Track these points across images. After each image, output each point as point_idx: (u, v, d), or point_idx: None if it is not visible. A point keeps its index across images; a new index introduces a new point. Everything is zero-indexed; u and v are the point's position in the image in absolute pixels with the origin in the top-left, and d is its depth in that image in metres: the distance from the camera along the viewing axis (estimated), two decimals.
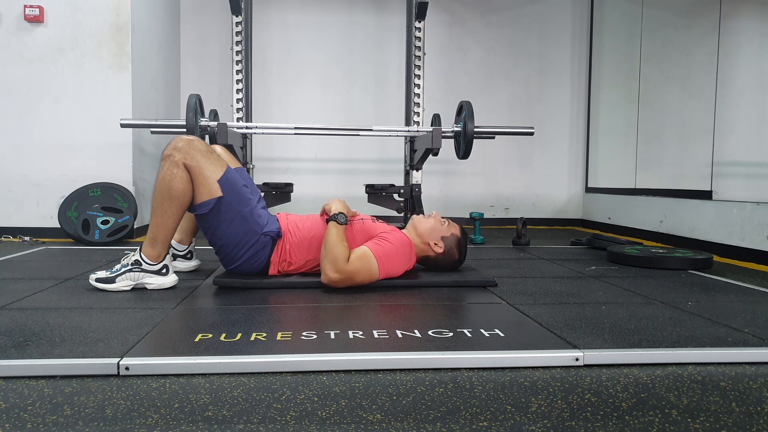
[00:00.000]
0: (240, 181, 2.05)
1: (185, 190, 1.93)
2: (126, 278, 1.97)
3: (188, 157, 1.92)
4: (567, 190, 5.19)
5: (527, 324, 1.59)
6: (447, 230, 2.22)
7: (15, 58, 3.47)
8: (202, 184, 1.95)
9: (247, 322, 1.56)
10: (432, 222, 2.21)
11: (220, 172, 1.98)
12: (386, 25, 4.90)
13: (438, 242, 2.19)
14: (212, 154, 1.99)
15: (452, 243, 2.22)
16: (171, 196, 1.92)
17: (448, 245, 2.21)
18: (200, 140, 2.00)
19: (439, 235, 2.20)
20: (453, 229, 2.25)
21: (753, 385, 1.20)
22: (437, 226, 2.21)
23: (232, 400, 1.07)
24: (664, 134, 4.33)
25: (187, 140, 1.96)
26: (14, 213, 3.53)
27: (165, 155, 1.94)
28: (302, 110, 4.84)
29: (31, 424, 0.97)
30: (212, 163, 1.97)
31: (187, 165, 1.92)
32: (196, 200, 1.97)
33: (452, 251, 2.23)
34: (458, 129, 3.33)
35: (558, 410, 1.05)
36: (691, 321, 1.65)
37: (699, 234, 3.39)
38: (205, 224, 2.02)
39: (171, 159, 1.92)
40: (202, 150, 1.96)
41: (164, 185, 1.92)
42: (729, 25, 3.74)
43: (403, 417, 1.01)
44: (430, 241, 2.19)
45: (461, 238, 2.26)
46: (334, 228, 2.00)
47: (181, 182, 1.92)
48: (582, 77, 5.12)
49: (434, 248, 2.19)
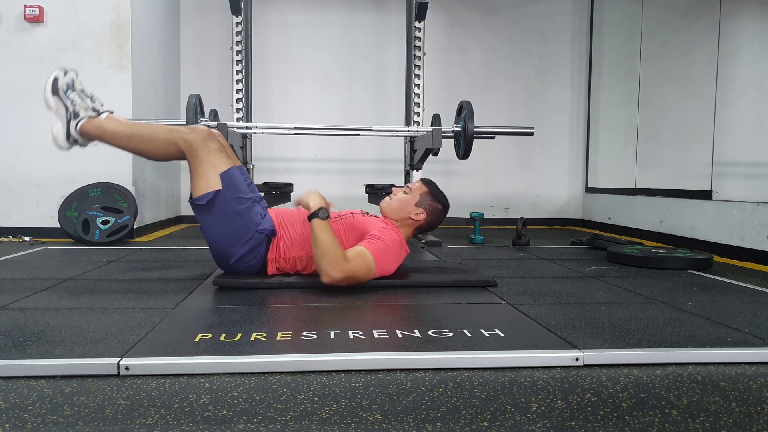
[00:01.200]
0: (243, 179, 2.05)
1: (156, 155, 2.05)
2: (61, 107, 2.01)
3: (194, 147, 1.96)
4: (567, 190, 5.19)
5: (527, 324, 1.59)
6: (415, 195, 2.19)
7: (15, 58, 3.47)
8: (202, 175, 1.97)
9: (247, 322, 1.56)
10: (398, 198, 2.19)
11: (225, 167, 1.99)
12: (386, 25, 4.91)
13: (416, 211, 2.16)
14: (222, 153, 2.01)
15: (428, 201, 2.19)
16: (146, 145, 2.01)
17: (426, 205, 2.18)
18: (220, 137, 2.04)
19: (413, 204, 2.17)
20: (419, 190, 2.21)
21: (753, 385, 1.20)
22: (404, 198, 2.18)
23: (232, 400, 1.07)
24: (664, 134, 4.33)
25: (205, 134, 1.99)
26: (14, 213, 3.53)
27: (182, 131, 1.99)
28: (302, 110, 4.84)
29: (31, 424, 0.97)
30: (219, 159, 1.99)
31: (188, 152, 1.97)
32: (194, 192, 1.99)
33: (434, 207, 2.19)
34: (458, 129, 3.33)
35: (558, 410, 1.05)
36: (691, 321, 1.65)
37: (699, 234, 3.39)
38: (201, 217, 2.02)
39: (182, 137, 1.97)
40: (212, 148, 1.98)
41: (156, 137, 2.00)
42: (729, 25, 3.74)
43: (403, 417, 1.01)
44: (409, 214, 2.16)
45: (431, 190, 2.22)
46: (321, 226, 1.92)
47: (161, 152, 2.02)
48: (582, 77, 5.13)
49: (416, 218, 2.16)
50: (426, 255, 2.97)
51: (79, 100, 2.02)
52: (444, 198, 2.25)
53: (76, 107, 2.01)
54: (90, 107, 2.03)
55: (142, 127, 2.05)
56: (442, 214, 2.23)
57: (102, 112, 2.04)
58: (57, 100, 2.00)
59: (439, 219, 2.23)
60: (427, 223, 2.20)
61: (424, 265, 2.56)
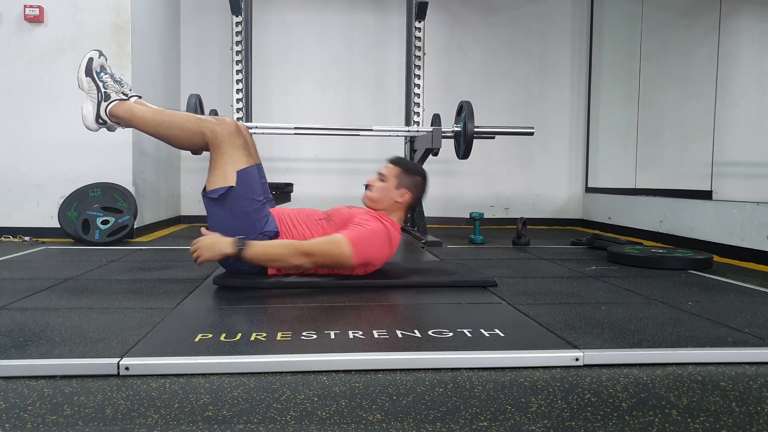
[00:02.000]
0: (258, 179, 2.06)
1: (182, 142, 2.04)
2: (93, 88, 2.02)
3: (219, 140, 1.97)
4: (567, 190, 5.19)
5: (527, 324, 1.59)
6: (391, 178, 2.18)
7: (15, 58, 3.47)
8: (221, 168, 1.98)
9: (247, 322, 1.56)
10: (378, 188, 2.18)
11: (244, 165, 2.00)
12: (386, 25, 4.90)
13: (399, 192, 2.17)
14: (245, 150, 2.02)
15: (406, 178, 2.18)
16: (173, 131, 2.01)
17: (406, 183, 2.18)
18: (246, 133, 2.06)
19: (392, 188, 2.17)
20: (392, 171, 2.20)
21: (753, 385, 1.20)
22: (383, 185, 2.18)
23: (232, 400, 1.07)
24: (664, 134, 4.33)
25: (233, 129, 2.00)
26: (14, 213, 3.53)
27: (210, 122, 2.00)
28: (302, 110, 4.84)
29: (31, 424, 0.97)
30: (240, 155, 1.99)
31: (212, 144, 1.98)
32: (209, 185, 2.00)
33: (414, 180, 2.19)
34: (458, 129, 3.33)
35: (558, 410, 1.05)
36: (691, 321, 1.65)
37: (699, 234, 3.39)
38: (211, 209, 2.03)
39: (210, 127, 1.98)
40: (236, 143, 1.99)
41: (184, 125, 2.00)
42: (729, 25, 3.74)
43: (403, 417, 1.01)
44: (395, 198, 2.16)
45: (402, 166, 2.21)
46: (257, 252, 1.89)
47: (187, 141, 2.02)
48: (582, 77, 5.13)
49: (404, 199, 2.17)
50: (426, 255, 2.97)
51: (112, 82, 2.03)
52: (419, 168, 2.26)
53: (108, 89, 2.02)
54: (120, 90, 2.03)
55: (171, 114, 2.05)
56: (425, 183, 2.24)
57: (131, 96, 2.06)
58: (90, 81, 2.01)
59: (424, 188, 2.25)
60: (414, 198, 2.21)
61: (424, 265, 2.56)
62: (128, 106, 2.02)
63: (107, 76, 2.04)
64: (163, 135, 2.05)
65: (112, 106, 2.01)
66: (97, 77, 2.02)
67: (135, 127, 2.05)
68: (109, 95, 2.02)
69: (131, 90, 2.08)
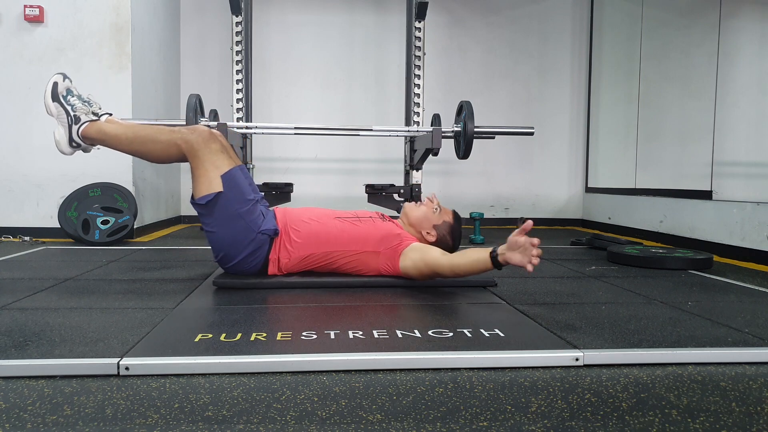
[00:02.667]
0: (245, 180, 2.05)
1: (158, 156, 2.04)
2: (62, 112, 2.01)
3: (195, 148, 1.96)
4: (567, 190, 5.19)
5: (527, 324, 1.59)
6: (439, 218, 2.19)
7: (15, 58, 3.47)
8: (204, 176, 1.97)
9: (247, 322, 1.56)
10: (423, 210, 2.19)
11: (226, 168, 1.99)
12: (386, 25, 4.90)
13: (430, 231, 2.16)
14: (223, 153, 2.01)
15: (445, 231, 2.19)
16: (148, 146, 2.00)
17: (441, 233, 2.18)
18: (221, 138, 2.04)
19: (431, 224, 2.17)
20: (445, 216, 2.21)
21: (753, 385, 1.20)
22: (429, 214, 2.18)
23: (232, 400, 1.07)
24: (664, 134, 4.33)
25: (206, 135, 1.98)
26: (14, 213, 3.53)
27: (182, 132, 1.98)
28: (302, 110, 4.84)
29: (31, 424, 0.97)
30: (221, 160, 1.98)
31: (189, 153, 1.97)
32: (196, 193, 1.99)
33: (445, 239, 2.19)
34: (458, 129, 3.33)
35: (558, 410, 1.05)
36: (691, 321, 1.65)
37: (699, 234, 3.39)
38: (203, 218, 2.02)
39: (182, 138, 1.97)
40: (213, 149, 1.98)
41: (157, 138, 1.99)
42: (729, 25, 3.74)
43: (403, 417, 1.01)
44: (422, 230, 2.17)
45: (454, 224, 2.22)
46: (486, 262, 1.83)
47: (163, 153, 2.01)
48: (582, 77, 5.13)
49: (426, 237, 2.16)
50: None
51: (80, 104, 2.02)
52: (458, 240, 2.25)
53: (77, 111, 2.01)
54: (89, 111, 2.02)
55: (143, 128, 2.05)
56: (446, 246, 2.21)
57: (101, 115, 2.04)
58: (58, 106, 2.00)
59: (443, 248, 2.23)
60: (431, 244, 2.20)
61: None
62: (99, 126, 2.01)
63: (74, 98, 2.02)
64: (138, 151, 2.04)
65: (83, 128, 2.00)
66: (64, 101, 2.00)
67: (109, 146, 2.04)
68: (78, 118, 2.00)
69: (101, 108, 2.06)
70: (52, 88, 2.00)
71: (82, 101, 2.03)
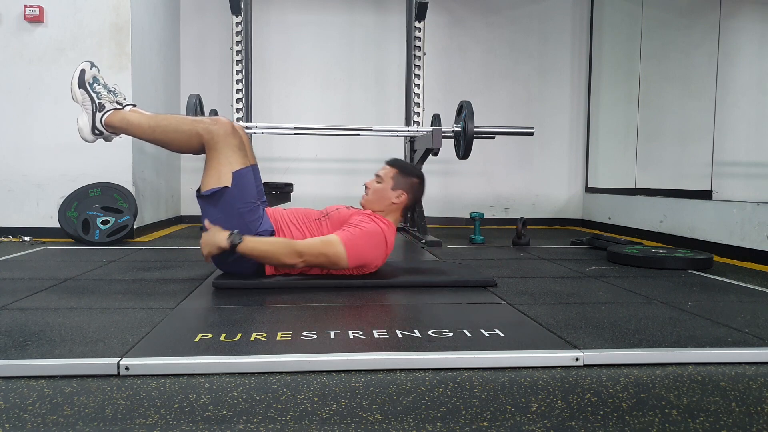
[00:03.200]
0: (254, 182, 2.06)
1: (179, 146, 2.05)
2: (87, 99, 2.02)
3: (215, 140, 1.97)
4: (567, 190, 5.19)
5: (527, 324, 1.59)
6: (387, 179, 2.16)
7: (15, 58, 3.47)
8: (215, 169, 1.98)
9: (247, 322, 1.56)
10: (374, 190, 2.16)
11: (239, 166, 2.00)
12: (386, 25, 4.90)
13: (395, 194, 2.15)
14: (241, 151, 2.02)
15: (402, 179, 2.17)
16: (170, 135, 2.02)
17: (402, 184, 2.16)
18: (242, 132, 2.05)
19: (388, 189, 2.15)
20: (389, 173, 2.18)
21: (753, 385, 1.20)
22: (379, 187, 2.16)
23: (232, 400, 1.07)
24: (664, 134, 4.33)
25: (229, 128, 1.99)
26: (14, 213, 3.52)
27: (205, 122, 2.00)
28: (302, 110, 4.84)
29: (31, 424, 0.97)
30: (236, 156, 2.00)
31: (208, 144, 1.98)
32: (204, 185, 2.01)
33: (410, 182, 2.17)
34: (458, 129, 3.33)
35: (558, 410, 1.05)
36: (691, 321, 1.65)
37: (699, 234, 3.39)
38: (205, 209, 2.03)
39: (205, 127, 1.98)
40: (232, 143, 1.99)
41: (180, 128, 2.01)
42: (729, 25, 3.74)
43: (403, 417, 1.01)
44: (391, 200, 2.14)
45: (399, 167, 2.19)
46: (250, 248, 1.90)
47: (184, 143, 2.02)
48: (582, 77, 5.13)
49: (400, 200, 2.15)
50: (426, 255, 2.97)
51: (105, 92, 2.03)
52: (415, 169, 2.25)
53: (102, 100, 2.02)
54: (114, 100, 2.03)
55: (165, 118, 2.06)
56: (422, 185, 2.23)
57: (125, 105, 2.06)
58: (83, 93, 2.01)
59: (421, 191, 2.23)
60: (411, 200, 2.20)
61: (424, 265, 2.56)
62: (123, 114, 2.03)
63: (100, 86, 2.04)
64: (160, 140, 2.05)
65: (107, 116, 2.01)
66: (90, 88, 2.02)
67: (132, 134, 2.06)
68: (103, 105, 2.02)
69: (125, 99, 2.08)
70: (80, 75, 2.01)
71: (107, 90, 2.04)
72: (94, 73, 2.05)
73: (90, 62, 2.05)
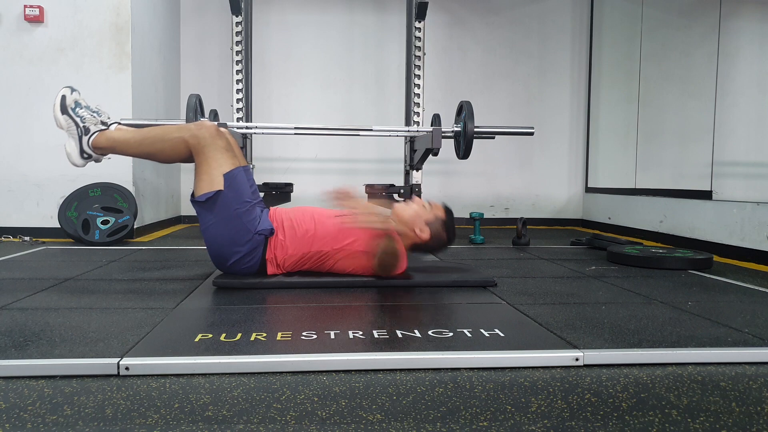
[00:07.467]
0: (246, 181, 2.05)
1: (168, 155, 2.05)
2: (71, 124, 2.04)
3: (202, 144, 1.97)
4: (567, 190, 5.19)
5: (527, 324, 1.59)
6: (430, 214, 2.17)
7: (15, 58, 3.47)
8: (206, 173, 1.98)
9: (247, 322, 1.56)
10: (414, 208, 2.17)
11: (230, 167, 1.99)
12: (386, 25, 4.90)
13: (423, 228, 2.14)
14: (229, 152, 2.02)
15: (438, 227, 2.17)
16: (156, 146, 2.02)
17: (434, 230, 2.16)
18: (227, 134, 2.05)
19: (423, 221, 2.15)
20: (437, 211, 2.19)
21: (753, 385, 1.20)
22: (420, 211, 2.16)
23: (232, 400, 1.07)
24: (664, 134, 4.33)
25: (213, 131, 2.00)
26: (14, 213, 3.53)
27: (190, 128, 2.00)
28: (302, 110, 4.84)
29: (31, 424, 0.97)
30: (225, 158, 1.99)
31: (195, 149, 1.98)
32: (197, 190, 2.00)
33: (440, 234, 2.18)
34: (458, 129, 3.33)
35: (558, 410, 1.05)
36: (691, 321, 1.65)
37: (699, 234, 3.39)
38: (201, 215, 2.02)
39: (191, 133, 1.98)
40: (219, 146, 1.99)
41: (166, 137, 2.01)
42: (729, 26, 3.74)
43: (403, 417, 1.01)
44: (415, 228, 2.14)
45: (446, 219, 2.20)
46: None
47: (172, 152, 2.02)
48: (582, 77, 5.12)
49: (420, 235, 2.14)
50: (426, 255, 2.97)
51: (89, 115, 2.04)
52: (453, 233, 2.23)
53: (86, 123, 2.03)
54: (98, 121, 2.04)
55: (150, 130, 2.06)
56: (443, 246, 2.22)
57: (110, 124, 2.07)
58: (67, 118, 2.03)
59: (438, 247, 2.23)
60: (426, 245, 2.19)
61: (424, 265, 2.55)
62: (109, 134, 2.04)
63: (83, 110, 2.05)
64: (148, 152, 2.06)
65: (93, 138, 2.03)
66: (74, 113, 2.03)
67: (120, 152, 2.07)
68: (88, 129, 2.03)
69: (109, 118, 2.09)
70: (61, 101, 2.03)
71: (90, 112, 2.05)
72: (75, 97, 2.06)
73: (70, 87, 2.06)
